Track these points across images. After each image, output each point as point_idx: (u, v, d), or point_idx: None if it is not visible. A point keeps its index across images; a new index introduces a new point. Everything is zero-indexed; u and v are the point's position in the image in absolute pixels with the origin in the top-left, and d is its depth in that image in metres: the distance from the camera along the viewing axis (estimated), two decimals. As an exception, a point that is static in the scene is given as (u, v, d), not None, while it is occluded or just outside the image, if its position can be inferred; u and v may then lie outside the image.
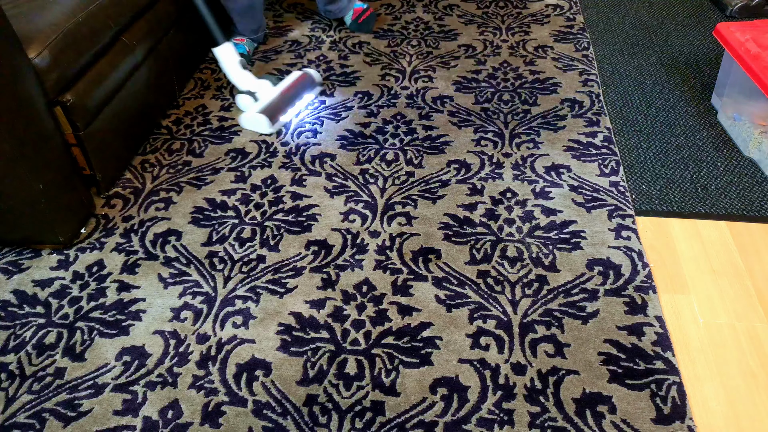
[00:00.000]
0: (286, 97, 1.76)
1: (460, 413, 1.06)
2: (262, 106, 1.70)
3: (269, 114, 1.69)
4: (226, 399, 1.10)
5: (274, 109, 1.72)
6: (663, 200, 1.48)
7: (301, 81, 1.82)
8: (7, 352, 1.19)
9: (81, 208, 1.43)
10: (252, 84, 1.76)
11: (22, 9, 1.36)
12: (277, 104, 1.73)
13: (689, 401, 1.07)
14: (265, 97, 1.74)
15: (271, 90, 1.76)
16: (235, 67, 1.76)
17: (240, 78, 1.77)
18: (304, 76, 1.84)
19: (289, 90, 1.79)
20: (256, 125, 1.70)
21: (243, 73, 1.77)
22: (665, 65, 1.98)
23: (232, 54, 1.77)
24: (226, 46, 1.76)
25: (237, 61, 1.76)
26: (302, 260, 1.36)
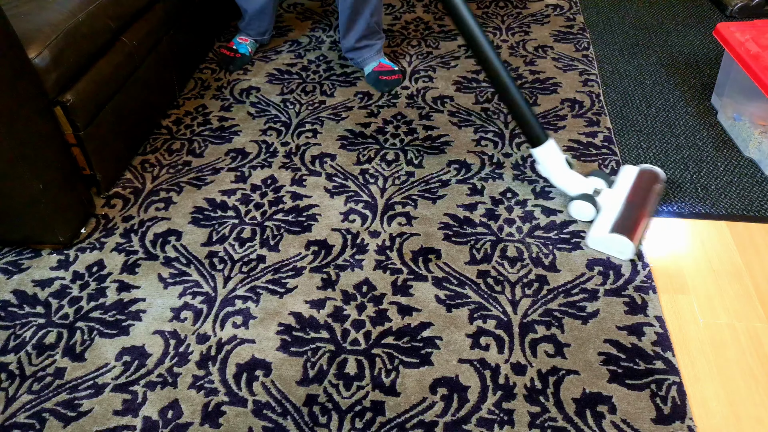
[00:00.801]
0: (633, 204, 1.38)
1: (460, 413, 1.06)
2: (611, 224, 1.33)
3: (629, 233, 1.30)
4: (226, 399, 1.10)
5: (630, 224, 1.33)
6: (663, 200, 1.48)
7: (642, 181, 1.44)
8: (7, 352, 1.20)
9: (81, 208, 1.43)
10: (587, 185, 1.41)
11: (22, 9, 1.36)
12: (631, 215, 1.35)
13: (689, 401, 1.07)
14: (612, 207, 1.38)
15: (612, 197, 1.41)
16: (562, 167, 1.41)
17: (570, 181, 1.42)
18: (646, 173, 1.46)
19: (633, 194, 1.40)
20: (613, 248, 1.32)
21: (572, 174, 1.42)
22: (665, 65, 1.98)
23: (558, 153, 1.41)
24: (550, 145, 1.41)
25: (563, 159, 1.42)
26: (302, 260, 1.36)
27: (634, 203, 1.38)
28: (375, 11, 1.87)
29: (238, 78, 1.99)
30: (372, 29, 1.90)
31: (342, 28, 1.92)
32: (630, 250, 1.29)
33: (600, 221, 1.35)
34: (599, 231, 1.33)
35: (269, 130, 1.76)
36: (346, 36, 1.93)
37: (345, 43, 1.96)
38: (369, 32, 1.91)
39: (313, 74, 1.99)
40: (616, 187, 1.44)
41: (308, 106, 1.85)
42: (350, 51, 1.97)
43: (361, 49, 1.95)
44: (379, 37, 1.96)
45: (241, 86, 1.94)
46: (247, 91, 1.92)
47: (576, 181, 1.41)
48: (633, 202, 1.38)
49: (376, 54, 1.96)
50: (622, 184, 1.44)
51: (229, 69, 2.02)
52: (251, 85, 1.95)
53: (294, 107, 1.84)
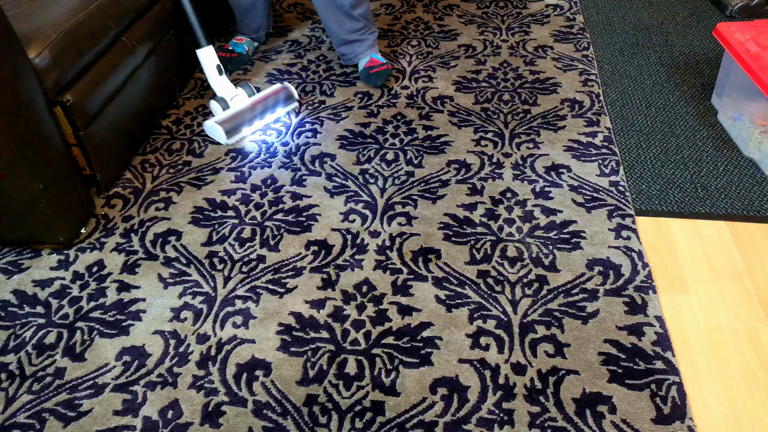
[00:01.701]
0: (254, 110, 1.74)
1: (460, 413, 1.06)
2: (223, 117, 1.69)
3: (228, 126, 1.67)
4: (226, 399, 1.10)
5: (235, 121, 1.70)
6: (663, 200, 1.48)
7: (275, 95, 1.79)
8: (7, 352, 1.19)
9: (81, 208, 1.43)
10: (227, 91, 1.76)
11: (22, 9, 1.36)
12: (241, 116, 1.71)
13: (689, 401, 1.07)
14: (234, 107, 1.73)
15: (243, 101, 1.75)
16: (213, 71, 1.76)
17: (216, 84, 1.77)
18: (279, 90, 1.80)
19: (260, 102, 1.76)
20: (214, 134, 1.69)
21: (219, 79, 1.77)
22: (665, 65, 1.98)
23: (212, 58, 1.76)
24: (208, 50, 1.76)
25: (215, 66, 1.76)
26: (302, 260, 1.36)
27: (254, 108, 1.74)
28: (356, 3, 1.82)
29: (238, 78, 1.99)
30: (360, 23, 1.87)
31: (325, 25, 1.90)
32: (222, 135, 1.67)
33: (220, 115, 1.71)
34: (210, 121, 1.69)
35: (269, 130, 1.76)
36: (332, 32, 1.89)
37: (334, 40, 1.93)
38: (357, 26, 1.87)
39: (313, 74, 1.99)
40: (252, 97, 1.78)
41: (308, 106, 1.85)
42: (341, 46, 1.93)
43: (351, 43, 1.91)
44: (371, 31, 1.92)
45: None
46: (247, 91, 1.92)
47: (221, 86, 1.76)
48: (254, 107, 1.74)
49: (368, 49, 1.94)
50: (256, 96, 1.78)
51: (227, 69, 2.02)
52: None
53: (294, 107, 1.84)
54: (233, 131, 1.68)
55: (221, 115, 1.70)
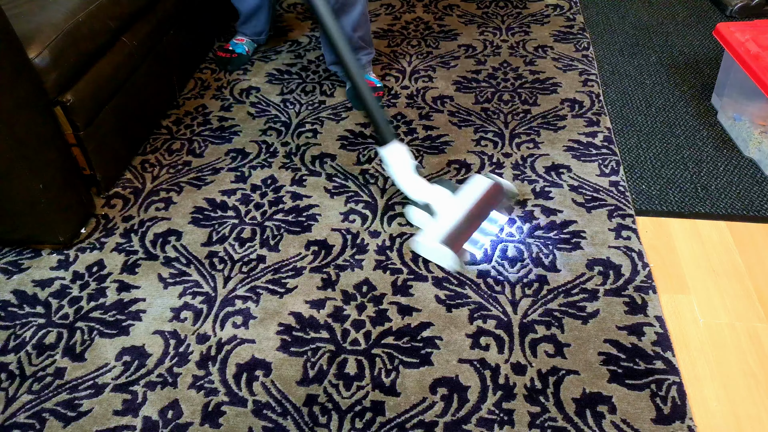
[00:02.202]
0: (471, 218, 1.36)
1: (460, 413, 1.06)
2: (443, 234, 1.31)
3: (453, 244, 1.30)
4: (226, 399, 1.10)
5: (457, 236, 1.32)
6: (663, 200, 1.48)
7: (488, 194, 1.41)
8: (7, 352, 1.19)
9: (81, 208, 1.43)
10: (428, 194, 1.38)
11: (22, 9, 1.36)
12: (460, 228, 1.33)
13: (689, 401, 1.07)
14: (445, 217, 1.35)
15: (452, 205, 1.37)
16: (406, 171, 1.39)
17: (412, 186, 1.39)
18: (492, 188, 1.42)
19: (475, 207, 1.38)
20: (436, 257, 1.32)
21: (416, 180, 1.39)
22: (665, 65, 1.98)
23: (404, 155, 1.39)
24: (396, 146, 1.38)
25: (409, 165, 1.39)
26: (302, 260, 1.36)
27: (470, 215, 1.36)
28: (358, 26, 1.75)
29: (238, 78, 1.99)
30: (356, 44, 1.79)
31: (322, 41, 1.82)
32: (452, 259, 1.27)
33: (430, 229, 1.34)
34: (426, 238, 1.32)
35: (269, 130, 1.76)
36: (327, 49, 1.83)
37: (327, 56, 1.88)
38: (353, 47, 1.77)
39: (313, 74, 1.99)
40: (458, 197, 1.40)
41: (308, 106, 1.85)
42: (333, 64, 1.88)
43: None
44: (365, 52, 1.84)
45: (241, 86, 1.94)
46: (247, 91, 1.92)
47: (419, 187, 1.39)
48: (470, 214, 1.36)
49: (360, 69, 1.87)
50: (464, 196, 1.40)
51: (226, 69, 2.02)
52: (251, 85, 1.95)
53: (294, 107, 1.84)
54: (460, 251, 1.31)
55: (437, 231, 1.32)
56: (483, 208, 1.38)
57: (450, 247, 1.27)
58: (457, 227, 1.32)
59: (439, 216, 1.35)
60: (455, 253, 1.27)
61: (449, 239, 1.30)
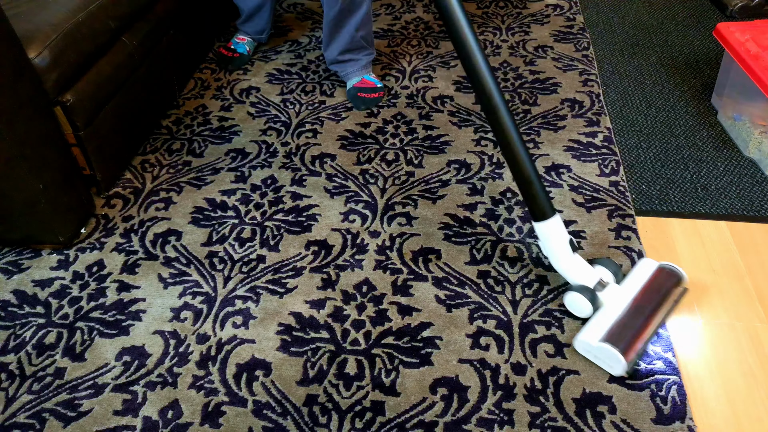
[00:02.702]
0: (640, 310, 1.15)
1: (460, 413, 1.06)
2: (612, 330, 1.11)
3: (623, 345, 1.08)
4: (226, 399, 1.10)
5: (631, 336, 1.11)
6: (663, 200, 1.48)
7: (658, 281, 1.21)
8: (7, 352, 1.19)
9: (81, 208, 1.43)
10: (589, 277, 1.19)
11: (22, 9, 1.36)
12: (631, 324, 1.12)
13: (689, 401, 1.07)
14: (612, 308, 1.16)
15: (617, 292, 1.18)
16: (565, 249, 1.19)
17: (571, 266, 1.20)
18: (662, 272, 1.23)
19: (644, 296, 1.17)
20: (603, 358, 1.10)
21: (575, 259, 1.20)
22: (665, 65, 1.98)
23: (562, 231, 1.19)
24: (556, 222, 1.19)
25: (567, 241, 1.19)
26: (302, 260, 1.36)
27: (641, 308, 1.15)
28: (361, 25, 1.76)
29: (238, 78, 1.99)
30: (357, 44, 1.80)
31: (324, 39, 1.83)
32: (621, 366, 1.07)
33: (594, 322, 1.14)
34: (590, 335, 1.11)
35: (269, 130, 1.76)
36: (329, 47, 1.83)
37: (328, 55, 1.87)
38: (354, 46, 1.81)
39: (313, 74, 1.99)
40: (624, 283, 1.21)
41: (308, 106, 1.85)
42: (333, 63, 1.87)
43: (344, 62, 1.85)
44: (366, 52, 1.85)
45: (241, 86, 1.94)
46: (247, 91, 1.92)
47: (578, 268, 1.19)
48: (640, 307, 1.15)
49: (360, 69, 1.85)
50: (633, 281, 1.20)
51: (227, 69, 2.02)
52: (251, 85, 1.95)
53: (294, 107, 1.84)
54: (630, 351, 1.09)
55: (602, 327, 1.12)
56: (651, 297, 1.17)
57: (616, 347, 1.07)
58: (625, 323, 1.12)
59: (604, 307, 1.16)
60: (621, 355, 1.06)
61: (619, 339, 1.09)
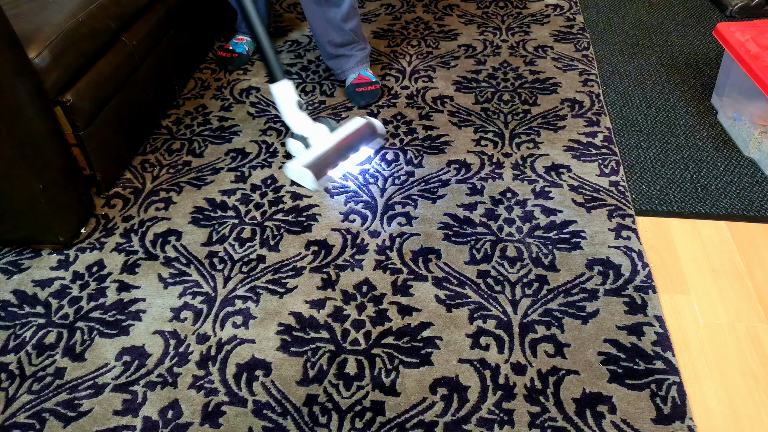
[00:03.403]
0: (340, 149, 1.54)
1: (460, 413, 1.06)
2: (309, 160, 1.48)
3: (316, 169, 1.46)
4: (226, 399, 1.10)
5: (322, 163, 1.49)
6: (663, 200, 1.48)
7: (360, 131, 1.58)
8: (7, 352, 1.20)
9: (81, 208, 1.43)
10: (307, 128, 1.54)
11: (22, 9, 1.36)
12: (327, 157, 1.51)
13: (689, 401, 1.07)
14: (317, 148, 1.51)
15: (326, 138, 1.54)
16: (291, 107, 1.54)
17: (295, 120, 1.55)
18: (364, 126, 1.59)
19: (345, 141, 1.55)
20: (301, 179, 1.49)
21: (299, 115, 1.54)
22: (665, 65, 1.98)
23: (290, 93, 1.54)
24: (284, 84, 1.53)
25: (294, 102, 1.54)
26: (302, 260, 1.36)
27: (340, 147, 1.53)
28: (347, 18, 1.74)
29: (238, 78, 1.99)
30: (348, 37, 1.78)
31: (315, 38, 1.82)
32: (311, 179, 1.44)
33: (302, 156, 1.49)
34: (293, 163, 1.47)
35: (269, 130, 1.76)
36: (320, 43, 1.82)
37: (322, 52, 1.86)
38: (345, 41, 1.80)
39: (313, 74, 1.99)
40: (334, 133, 1.55)
41: (308, 106, 1.85)
42: (329, 59, 1.87)
43: (338, 57, 1.84)
44: (359, 47, 1.84)
45: (241, 86, 1.94)
46: (247, 91, 1.92)
47: (301, 122, 1.54)
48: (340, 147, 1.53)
49: (356, 65, 1.85)
50: (339, 132, 1.56)
51: (227, 69, 2.02)
52: (251, 85, 1.95)
53: (294, 107, 1.84)
54: (321, 175, 1.47)
55: (305, 157, 1.49)
56: (353, 142, 1.56)
57: (312, 170, 1.44)
58: (323, 155, 1.49)
59: (313, 147, 1.52)
60: (315, 176, 1.44)
61: (313, 164, 1.46)
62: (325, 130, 1.55)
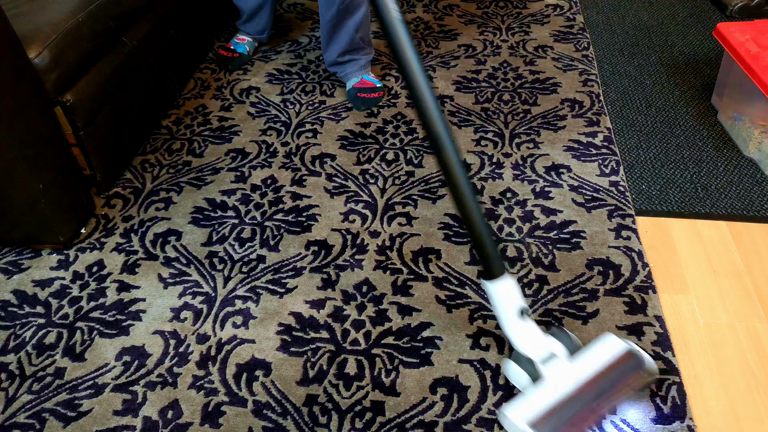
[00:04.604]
0: (586, 395, 0.99)
1: (460, 413, 1.06)
2: (537, 414, 0.96)
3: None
4: (226, 399, 1.10)
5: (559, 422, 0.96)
6: (663, 200, 1.48)
7: (617, 366, 1.03)
8: (7, 352, 1.20)
9: (81, 208, 1.43)
10: (536, 347, 1.04)
11: (22, 9, 1.36)
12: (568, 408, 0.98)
13: (689, 401, 1.07)
14: (551, 389, 1.00)
15: (564, 373, 1.01)
16: (514, 313, 1.05)
17: (518, 332, 1.06)
18: (625, 357, 1.04)
19: (597, 381, 1.01)
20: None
21: (522, 327, 1.06)
22: (665, 65, 1.98)
23: (512, 296, 1.06)
24: (505, 283, 1.06)
25: (519, 307, 1.05)
26: (302, 260, 1.36)
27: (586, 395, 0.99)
28: (360, 26, 1.76)
29: (238, 78, 1.99)
30: (356, 45, 1.80)
31: (323, 42, 1.83)
32: None
33: (529, 398, 0.99)
34: (516, 413, 0.97)
35: (269, 130, 1.76)
36: (328, 49, 1.83)
37: (327, 57, 1.86)
38: (353, 47, 1.81)
39: (313, 74, 1.99)
40: (576, 360, 1.04)
41: (308, 106, 1.85)
42: (333, 65, 1.88)
43: (344, 63, 1.85)
44: (365, 52, 1.85)
45: (241, 86, 1.94)
46: (247, 91, 1.92)
47: (527, 335, 1.05)
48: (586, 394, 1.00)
49: (360, 69, 1.86)
50: (586, 361, 1.04)
51: (227, 69, 2.02)
52: (251, 85, 1.95)
53: (294, 107, 1.85)
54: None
55: (533, 406, 0.98)
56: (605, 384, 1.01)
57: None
58: (563, 407, 0.98)
59: (545, 383, 1.01)
60: None
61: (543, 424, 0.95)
62: (561, 352, 1.04)
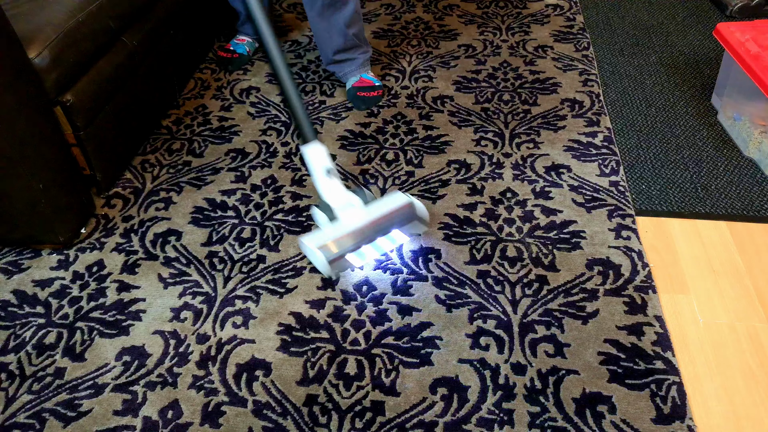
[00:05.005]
0: (368, 230, 1.30)
1: (460, 413, 1.06)
2: (326, 240, 1.27)
3: (331, 253, 1.25)
4: (226, 399, 1.10)
5: (342, 245, 1.27)
6: (663, 200, 1.48)
7: (397, 212, 1.33)
8: (7, 352, 1.20)
9: (81, 208, 1.43)
10: (336, 198, 1.33)
11: (22, 9, 1.36)
12: (351, 237, 1.28)
13: (689, 401, 1.07)
14: (342, 224, 1.30)
15: (355, 214, 1.31)
16: (321, 172, 1.34)
17: (325, 187, 1.34)
18: (404, 207, 1.34)
19: (377, 221, 1.31)
20: (313, 259, 1.30)
21: (330, 182, 1.34)
22: (665, 65, 1.98)
23: (320, 158, 1.35)
24: (315, 147, 1.34)
25: (325, 167, 1.34)
26: (302, 260, 1.36)
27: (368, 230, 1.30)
28: (351, 23, 1.73)
29: (237, 78, 1.99)
30: (351, 42, 1.78)
31: (316, 40, 1.81)
32: (324, 266, 1.24)
33: (323, 231, 1.29)
34: (309, 239, 1.27)
35: (269, 130, 1.76)
36: (323, 48, 1.81)
37: (324, 56, 1.85)
38: (348, 45, 1.79)
39: (313, 74, 1.99)
40: (367, 208, 1.32)
41: (308, 106, 1.85)
42: (330, 64, 1.86)
43: (341, 62, 1.83)
44: (362, 51, 1.83)
45: (241, 86, 1.94)
46: (247, 91, 1.92)
47: (331, 189, 1.33)
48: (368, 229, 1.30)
49: (358, 68, 1.84)
50: (374, 209, 1.33)
51: (227, 69, 2.02)
52: (251, 85, 1.95)
53: (294, 107, 1.84)
54: (337, 260, 1.27)
55: (324, 235, 1.28)
56: (386, 223, 1.32)
57: (326, 255, 1.24)
58: (346, 235, 1.28)
59: (338, 222, 1.30)
60: (329, 261, 1.24)
61: (329, 246, 1.25)
62: (357, 203, 1.33)
